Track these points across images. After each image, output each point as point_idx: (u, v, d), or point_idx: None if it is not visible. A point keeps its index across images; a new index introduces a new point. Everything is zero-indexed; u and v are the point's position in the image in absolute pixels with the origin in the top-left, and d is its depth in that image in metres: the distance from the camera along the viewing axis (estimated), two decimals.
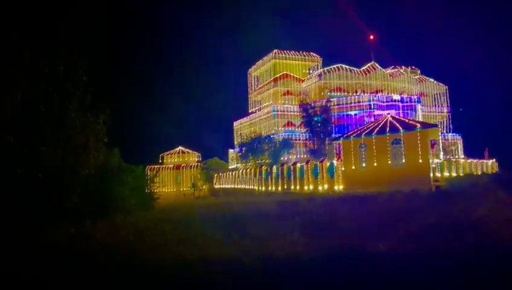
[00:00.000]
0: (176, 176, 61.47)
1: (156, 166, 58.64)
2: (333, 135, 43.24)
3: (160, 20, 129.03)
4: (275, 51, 56.44)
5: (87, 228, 13.61)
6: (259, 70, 61.15)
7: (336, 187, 30.27)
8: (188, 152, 65.43)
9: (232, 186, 45.15)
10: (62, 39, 19.72)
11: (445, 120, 55.14)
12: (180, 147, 66.07)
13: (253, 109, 61.42)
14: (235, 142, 60.22)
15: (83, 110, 18.74)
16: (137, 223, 14.60)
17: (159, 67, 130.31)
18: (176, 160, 64.52)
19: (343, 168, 30.61)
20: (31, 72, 16.97)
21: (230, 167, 56.06)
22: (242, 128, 60.33)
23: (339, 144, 32.19)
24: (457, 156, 48.30)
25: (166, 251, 9.26)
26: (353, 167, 30.19)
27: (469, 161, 39.23)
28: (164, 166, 62.40)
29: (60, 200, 16.10)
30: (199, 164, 61.68)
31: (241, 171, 43.68)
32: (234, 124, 63.40)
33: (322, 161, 32.22)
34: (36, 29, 18.53)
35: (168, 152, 65.92)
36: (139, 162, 29.62)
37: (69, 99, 17.95)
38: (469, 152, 50.42)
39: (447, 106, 55.93)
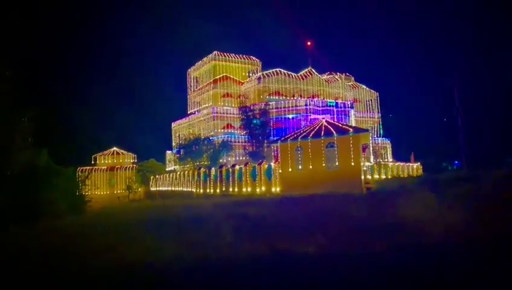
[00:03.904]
0: (109, 178, 59.04)
1: (88, 167, 56.00)
2: (271, 138, 43.94)
3: (95, 16, 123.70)
4: (215, 52, 56.28)
5: (9, 233, 12.70)
6: (198, 71, 60.61)
7: (273, 189, 30.80)
8: (122, 153, 63.11)
9: (170, 188, 44.34)
10: None
11: (376, 125, 58.15)
12: (114, 148, 63.54)
13: (193, 110, 60.73)
14: (173, 144, 59.14)
15: (8, 108, 17.54)
16: (65, 228, 13.88)
17: (91, 64, 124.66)
18: (109, 161, 61.95)
19: (280, 171, 31.22)
20: None
21: (167, 169, 54.93)
22: (180, 129, 59.39)
23: (277, 146, 32.81)
24: (386, 160, 51.10)
25: (94, 257, 8.88)
26: (290, 170, 30.90)
27: (397, 164, 41.64)
28: (97, 167, 59.70)
29: None
30: (134, 165, 59.75)
31: (179, 173, 43.02)
32: (172, 125, 62.21)
33: (260, 164, 32.64)
34: None
35: (102, 153, 63.13)
36: (70, 163, 28.28)
37: None
38: (397, 156, 53.69)
39: (378, 112, 59.08)
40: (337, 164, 29.20)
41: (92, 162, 61.77)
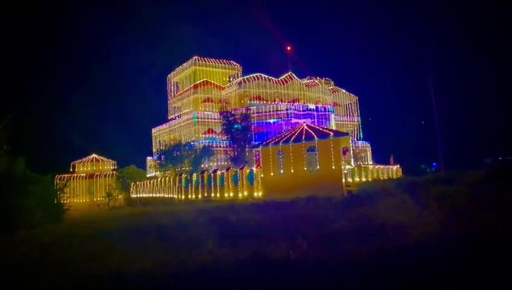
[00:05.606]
0: (89, 185, 58.04)
1: (66, 175, 54.92)
2: (253, 143, 43.92)
3: (71, 21, 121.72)
4: (195, 57, 56.07)
5: None
6: (179, 77, 60.27)
7: (255, 194, 30.75)
8: (102, 160, 62.14)
9: (151, 195, 43.82)
10: None
11: (356, 128, 58.79)
12: (93, 155, 62.52)
13: (173, 116, 60.28)
14: (154, 150, 58.51)
15: None
16: (42, 238, 13.50)
17: (69, 70, 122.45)
18: (89, 168, 60.93)
19: (262, 175, 31.20)
20: None
21: (148, 175, 54.30)
22: (161, 135, 58.84)
23: (258, 151, 32.79)
24: (366, 162, 51.65)
25: (72, 268, 8.63)
26: (272, 174, 30.92)
27: (377, 166, 42.11)
28: (76, 175, 58.60)
29: None
30: (114, 172, 58.90)
31: (160, 179, 42.55)
32: (153, 131, 61.60)
33: (242, 168, 32.57)
34: None
35: (80, 160, 62.04)
36: (48, 171, 27.69)
37: None
38: (377, 158, 54.36)
39: (358, 116, 59.76)
40: (318, 167, 29.37)
41: (71, 170, 60.69)
